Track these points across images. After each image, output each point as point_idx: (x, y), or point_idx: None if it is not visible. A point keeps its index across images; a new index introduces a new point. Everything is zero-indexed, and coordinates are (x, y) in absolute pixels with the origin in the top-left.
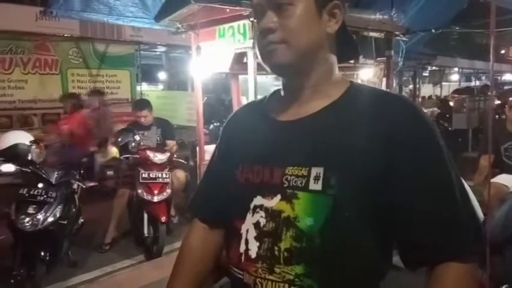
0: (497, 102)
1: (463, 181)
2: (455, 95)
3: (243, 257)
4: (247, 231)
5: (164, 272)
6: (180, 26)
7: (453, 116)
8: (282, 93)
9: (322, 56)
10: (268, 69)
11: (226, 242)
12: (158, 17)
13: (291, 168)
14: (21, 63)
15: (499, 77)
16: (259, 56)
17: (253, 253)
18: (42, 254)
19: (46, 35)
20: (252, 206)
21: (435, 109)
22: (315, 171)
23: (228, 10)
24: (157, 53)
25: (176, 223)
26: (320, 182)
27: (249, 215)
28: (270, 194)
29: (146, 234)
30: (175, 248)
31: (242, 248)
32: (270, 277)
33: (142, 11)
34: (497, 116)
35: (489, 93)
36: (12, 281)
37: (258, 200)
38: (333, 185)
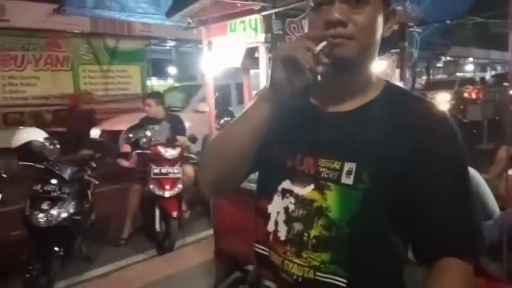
0: None
1: (479, 175)
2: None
3: (271, 237)
4: (277, 213)
5: (176, 267)
6: (191, 21)
7: (468, 107)
8: (320, 78)
9: (373, 57)
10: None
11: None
12: (169, 13)
13: (324, 160)
14: (33, 59)
15: None
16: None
17: (282, 235)
18: (57, 249)
19: (57, 32)
20: (280, 188)
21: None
22: (348, 166)
23: (239, 5)
24: (168, 47)
25: (187, 218)
26: (352, 176)
27: (277, 197)
28: (302, 182)
29: (158, 230)
30: (187, 242)
31: (271, 228)
32: (297, 261)
33: (154, 7)
34: None
35: (505, 84)
36: (27, 275)
37: (286, 184)
38: (364, 180)
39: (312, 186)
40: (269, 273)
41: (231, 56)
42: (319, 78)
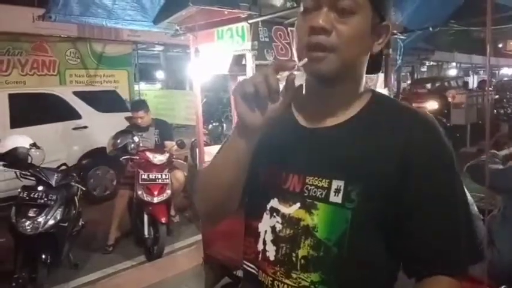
0: (496, 96)
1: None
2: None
3: (260, 256)
4: (265, 232)
5: (165, 273)
6: (178, 28)
7: (451, 112)
8: (304, 91)
9: (358, 71)
10: (305, 70)
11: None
12: (156, 20)
13: (312, 178)
14: (19, 64)
15: (497, 71)
16: (297, 51)
17: (271, 255)
18: (44, 256)
19: (43, 36)
20: (268, 207)
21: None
22: (335, 183)
23: (226, 12)
24: (155, 52)
25: (176, 224)
26: (340, 195)
27: (266, 216)
28: (288, 201)
29: (147, 235)
30: (175, 248)
31: (260, 247)
32: (287, 281)
33: (141, 14)
34: (495, 111)
35: (487, 88)
36: (13, 284)
37: (274, 203)
38: (353, 199)
39: (298, 204)
40: None
41: (218, 62)
42: (303, 91)
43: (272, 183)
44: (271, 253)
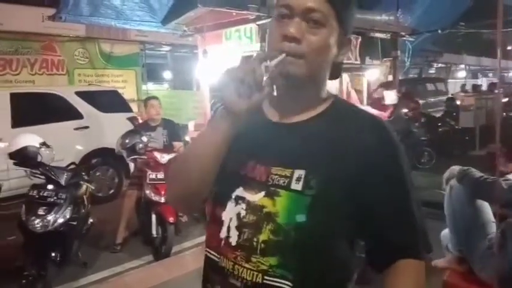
0: (505, 99)
1: None
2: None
3: (223, 243)
4: (230, 219)
5: (173, 272)
6: (186, 29)
7: (460, 114)
8: (275, 93)
9: (322, 76)
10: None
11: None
12: (165, 21)
13: (276, 168)
14: (29, 63)
15: (506, 74)
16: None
17: (233, 241)
18: (53, 254)
19: (52, 36)
20: (233, 195)
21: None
22: (297, 173)
23: (234, 14)
24: (162, 52)
25: (184, 223)
26: (301, 183)
27: (230, 204)
28: (254, 189)
29: (155, 235)
30: (184, 248)
31: (223, 234)
32: (246, 265)
33: (149, 15)
34: (504, 114)
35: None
36: (23, 281)
37: (239, 191)
38: (312, 186)
39: (263, 193)
40: (218, 279)
41: (226, 64)
42: (274, 93)
43: (239, 172)
44: (233, 238)
